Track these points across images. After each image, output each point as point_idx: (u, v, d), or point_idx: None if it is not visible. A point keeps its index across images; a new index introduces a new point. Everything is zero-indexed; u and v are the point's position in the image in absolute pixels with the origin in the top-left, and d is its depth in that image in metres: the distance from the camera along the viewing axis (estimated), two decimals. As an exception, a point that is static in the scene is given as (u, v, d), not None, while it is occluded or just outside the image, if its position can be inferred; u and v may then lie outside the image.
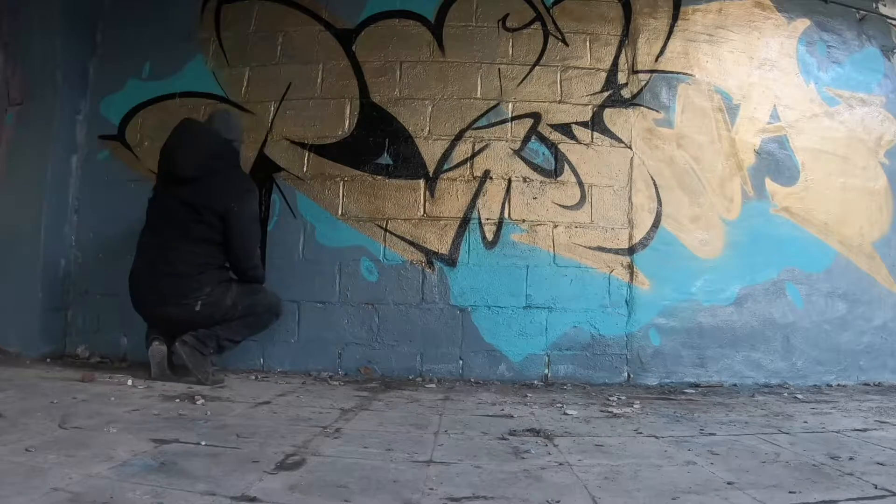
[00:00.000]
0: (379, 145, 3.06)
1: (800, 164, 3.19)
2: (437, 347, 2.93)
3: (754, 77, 3.21)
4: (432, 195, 3.01)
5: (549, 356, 2.93)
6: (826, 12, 3.33)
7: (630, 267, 2.99)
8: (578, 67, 3.10)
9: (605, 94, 3.09)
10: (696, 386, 2.86)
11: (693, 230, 3.05)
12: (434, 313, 2.96)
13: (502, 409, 2.22)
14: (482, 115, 3.05)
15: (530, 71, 3.09)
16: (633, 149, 3.06)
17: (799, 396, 2.68)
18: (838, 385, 2.98)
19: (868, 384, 3.03)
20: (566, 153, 3.04)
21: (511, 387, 2.77)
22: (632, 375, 2.93)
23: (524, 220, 2.99)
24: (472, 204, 3.00)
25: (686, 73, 3.15)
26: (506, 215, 2.99)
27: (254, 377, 2.78)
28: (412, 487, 1.29)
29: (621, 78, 3.11)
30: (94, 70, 3.37)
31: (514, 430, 1.86)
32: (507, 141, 3.03)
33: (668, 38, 3.15)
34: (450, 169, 3.02)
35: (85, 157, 3.30)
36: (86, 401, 2.06)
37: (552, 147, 3.04)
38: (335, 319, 2.98)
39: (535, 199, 3.00)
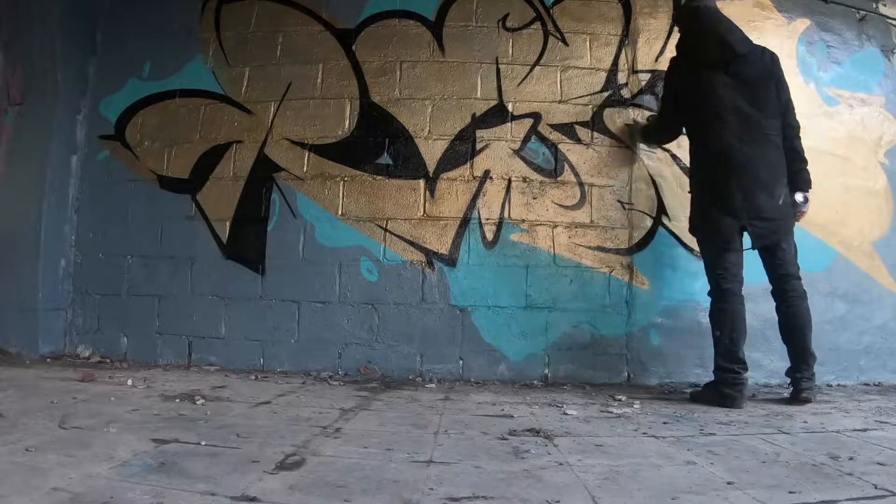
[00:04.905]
0: (379, 145, 3.06)
1: (800, 164, 3.19)
2: (437, 347, 2.93)
3: (754, 77, 3.21)
4: (432, 195, 3.01)
5: (549, 356, 2.92)
6: (826, 12, 3.33)
7: (630, 267, 2.99)
8: (578, 67, 3.10)
9: (605, 94, 3.09)
10: (696, 386, 2.85)
11: (693, 230, 3.05)
12: (434, 313, 2.96)
13: (502, 409, 2.22)
14: (482, 116, 3.05)
15: (530, 71, 3.09)
16: (633, 149, 3.06)
17: (799, 396, 2.67)
18: (838, 385, 2.97)
19: (868, 384, 3.02)
20: (566, 153, 3.04)
21: (511, 387, 2.77)
22: (632, 375, 2.93)
23: (524, 220, 2.99)
24: (472, 204, 3.00)
25: (686, 73, 3.14)
26: (506, 215, 2.99)
27: (254, 377, 2.78)
28: (412, 487, 1.29)
29: (621, 78, 3.11)
30: (94, 70, 3.37)
31: (514, 430, 1.86)
32: (507, 141, 3.03)
33: (668, 37, 3.14)
34: (450, 169, 3.02)
35: (85, 157, 3.31)
36: (86, 401, 2.06)
37: (552, 147, 3.04)
38: (335, 319, 2.98)
39: (535, 199, 3.00)
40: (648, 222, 3.02)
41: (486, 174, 3.01)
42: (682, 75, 2.65)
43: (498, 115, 3.05)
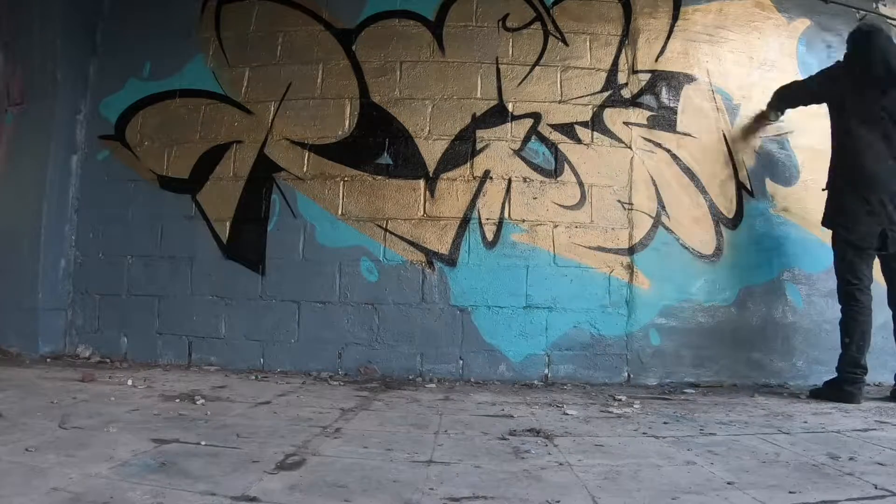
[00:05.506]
0: (379, 145, 3.06)
1: (800, 165, 3.19)
2: (437, 347, 2.93)
3: (754, 77, 3.21)
4: (432, 195, 3.01)
5: (549, 356, 2.93)
6: (826, 12, 3.34)
7: (630, 267, 2.99)
8: (578, 67, 3.10)
9: (605, 94, 3.09)
10: (695, 386, 2.86)
11: (693, 230, 3.05)
12: (434, 313, 2.96)
13: (502, 409, 2.22)
14: (482, 116, 3.05)
15: (530, 71, 3.09)
16: (633, 149, 3.06)
17: (799, 396, 2.68)
18: (838, 385, 2.97)
19: (868, 384, 3.02)
20: (566, 153, 3.04)
21: (511, 387, 2.77)
22: (632, 375, 2.93)
23: (524, 220, 2.99)
24: (472, 204, 2.99)
25: (686, 73, 3.15)
26: (506, 215, 2.99)
27: (254, 377, 2.78)
28: (412, 487, 1.29)
29: (621, 78, 3.11)
30: (94, 70, 3.38)
31: (514, 430, 1.86)
32: (507, 141, 3.03)
33: (668, 38, 3.15)
34: (450, 169, 3.02)
35: (85, 157, 3.31)
36: (86, 401, 2.06)
37: (552, 147, 3.04)
38: (335, 319, 2.98)
39: (535, 199, 3.00)
40: (648, 222, 3.02)
41: (486, 174, 3.01)
42: (839, 84, 2.76)
43: (498, 115, 3.05)
